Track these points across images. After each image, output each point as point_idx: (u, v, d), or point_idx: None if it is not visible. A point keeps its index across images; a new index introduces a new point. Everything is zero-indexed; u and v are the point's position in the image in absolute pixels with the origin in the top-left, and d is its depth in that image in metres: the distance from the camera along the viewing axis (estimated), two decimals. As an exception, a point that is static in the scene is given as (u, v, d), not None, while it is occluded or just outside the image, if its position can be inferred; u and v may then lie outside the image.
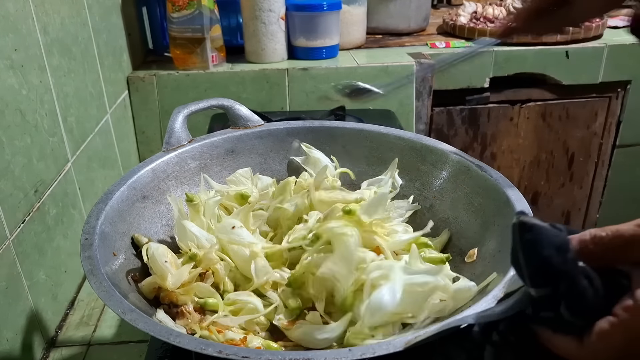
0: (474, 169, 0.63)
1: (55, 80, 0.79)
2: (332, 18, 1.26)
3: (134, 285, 0.54)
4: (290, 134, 0.74)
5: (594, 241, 0.33)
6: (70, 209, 0.81)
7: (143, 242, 0.58)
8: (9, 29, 0.67)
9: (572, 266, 0.31)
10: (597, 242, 0.33)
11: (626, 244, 0.33)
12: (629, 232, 0.32)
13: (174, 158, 0.68)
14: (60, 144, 0.80)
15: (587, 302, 0.32)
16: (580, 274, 0.32)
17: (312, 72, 1.21)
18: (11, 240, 0.64)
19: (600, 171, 1.57)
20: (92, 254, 0.50)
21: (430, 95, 1.29)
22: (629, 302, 0.32)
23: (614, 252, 0.33)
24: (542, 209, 1.59)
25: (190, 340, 0.41)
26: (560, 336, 0.34)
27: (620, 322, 0.32)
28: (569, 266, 0.31)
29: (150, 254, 0.55)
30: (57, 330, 0.75)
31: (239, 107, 0.74)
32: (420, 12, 1.49)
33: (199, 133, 0.73)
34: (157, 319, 0.50)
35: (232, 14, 1.28)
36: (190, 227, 0.58)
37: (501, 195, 0.57)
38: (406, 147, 0.71)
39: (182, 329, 0.51)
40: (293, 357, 0.39)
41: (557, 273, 0.31)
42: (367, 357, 0.39)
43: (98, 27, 0.99)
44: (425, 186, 0.68)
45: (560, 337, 0.34)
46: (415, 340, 0.39)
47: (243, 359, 0.38)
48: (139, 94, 1.19)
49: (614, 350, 0.32)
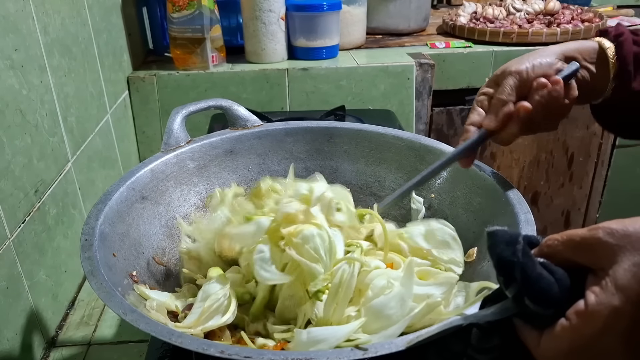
0: (472, 169, 0.63)
1: (55, 80, 0.79)
2: (332, 18, 1.26)
3: (134, 285, 0.54)
4: (289, 134, 0.74)
5: (548, 244, 0.35)
6: (70, 209, 0.81)
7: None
8: (9, 29, 0.67)
9: (522, 256, 0.33)
10: (551, 244, 0.35)
11: (577, 247, 0.34)
12: (579, 237, 0.34)
13: (173, 159, 0.68)
14: (60, 144, 0.80)
15: (546, 290, 0.33)
16: (533, 263, 0.33)
17: (312, 72, 1.21)
18: (11, 240, 0.64)
19: (600, 171, 1.57)
20: (92, 255, 0.50)
21: (430, 95, 1.29)
22: (581, 306, 0.32)
23: (567, 255, 0.34)
24: (541, 209, 1.59)
25: (192, 340, 0.41)
26: (528, 328, 0.35)
27: (570, 326, 0.32)
28: (517, 255, 0.33)
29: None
30: (57, 330, 0.75)
31: (237, 107, 0.74)
32: (420, 12, 1.49)
33: (199, 133, 0.73)
34: (148, 308, 0.50)
35: (232, 14, 1.28)
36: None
37: (500, 195, 0.58)
38: (404, 147, 0.71)
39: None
40: (295, 356, 0.39)
41: (509, 263, 0.33)
42: (369, 356, 0.39)
43: (98, 27, 0.99)
44: (424, 186, 0.68)
45: (528, 329, 0.35)
46: (416, 340, 0.39)
47: (245, 359, 0.38)
48: (139, 94, 1.19)
49: (561, 352, 0.33)
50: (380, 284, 0.48)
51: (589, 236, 0.33)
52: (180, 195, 0.67)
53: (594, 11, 1.51)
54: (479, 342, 0.38)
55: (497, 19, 1.48)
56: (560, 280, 0.33)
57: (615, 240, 0.32)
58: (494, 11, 1.49)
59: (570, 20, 1.44)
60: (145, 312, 0.49)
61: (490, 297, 0.38)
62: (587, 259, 0.33)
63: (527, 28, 1.37)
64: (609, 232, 0.32)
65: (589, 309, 0.32)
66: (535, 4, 1.54)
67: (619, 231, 0.32)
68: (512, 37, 1.35)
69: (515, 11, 1.52)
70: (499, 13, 1.50)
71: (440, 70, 1.32)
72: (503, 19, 1.48)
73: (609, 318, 0.31)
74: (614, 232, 0.32)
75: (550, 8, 1.50)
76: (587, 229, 0.34)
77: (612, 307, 0.31)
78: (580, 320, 0.32)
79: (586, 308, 0.32)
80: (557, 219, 1.62)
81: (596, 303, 0.31)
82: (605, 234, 0.32)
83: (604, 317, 0.31)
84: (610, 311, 0.31)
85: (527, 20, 1.46)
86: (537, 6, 1.52)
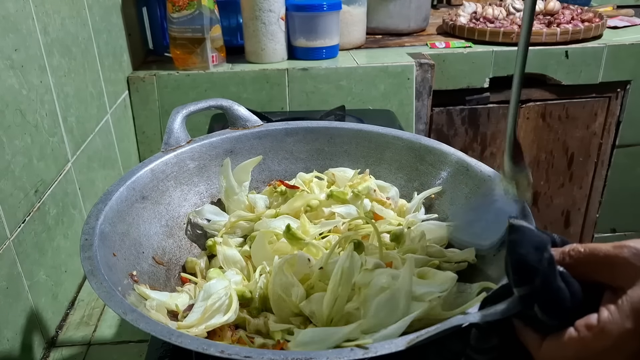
0: (472, 169, 0.63)
1: (55, 80, 0.79)
2: (332, 18, 1.26)
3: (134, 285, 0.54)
4: (289, 134, 0.74)
5: (570, 254, 0.34)
6: (70, 209, 0.81)
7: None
8: (9, 29, 0.67)
9: (547, 265, 0.32)
10: (573, 255, 0.34)
11: (599, 263, 0.33)
12: (602, 253, 0.33)
13: (173, 159, 0.68)
14: (60, 144, 0.80)
15: (560, 304, 0.32)
16: (555, 274, 0.32)
17: (312, 72, 1.21)
18: (11, 240, 0.64)
19: (599, 171, 1.57)
20: (92, 255, 0.50)
21: (430, 95, 1.29)
22: (593, 321, 0.32)
23: (587, 269, 0.34)
24: (541, 209, 1.59)
25: (192, 340, 0.41)
26: (529, 330, 0.35)
27: (579, 338, 0.32)
28: (543, 264, 0.32)
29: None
30: (57, 330, 0.75)
31: (237, 107, 0.74)
32: (420, 12, 1.49)
33: (199, 133, 0.73)
34: (148, 308, 0.50)
35: (232, 14, 1.28)
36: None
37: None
38: (405, 147, 0.71)
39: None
40: (295, 356, 0.39)
41: (532, 270, 0.32)
42: (369, 356, 0.39)
43: (98, 27, 0.99)
44: (424, 186, 0.68)
45: (529, 332, 0.35)
46: (417, 340, 0.39)
47: (245, 358, 0.38)
48: (139, 94, 1.19)
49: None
50: (379, 282, 0.48)
51: (614, 254, 0.32)
52: (181, 195, 0.67)
53: (594, 11, 1.51)
54: (477, 343, 0.38)
55: (497, 19, 1.48)
56: (574, 294, 0.33)
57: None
58: (494, 11, 1.49)
59: (570, 20, 1.44)
60: (145, 312, 0.49)
61: (490, 298, 0.38)
62: (607, 277, 0.33)
63: (527, 28, 1.37)
64: (635, 252, 0.32)
65: (600, 325, 0.31)
66: (535, 4, 1.53)
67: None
68: (512, 37, 1.35)
69: (515, 11, 1.52)
70: (499, 13, 1.50)
71: (440, 70, 1.32)
72: (503, 19, 1.48)
73: (619, 339, 0.31)
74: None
75: (550, 8, 1.50)
76: (612, 245, 0.33)
77: (624, 329, 0.31)
78: (589, 334, 0.32)
79: (598, 323, 0.31)
80: (557, 219, 1.62)
81: (609, 321, 0.31)
82: (632, 253, 0.32)
83: (614, 337, 0.31)
84: (622, 332, 0.31)
85: (527, 20, 1.46)
86: (537, 6, 1.52)
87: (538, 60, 1.35)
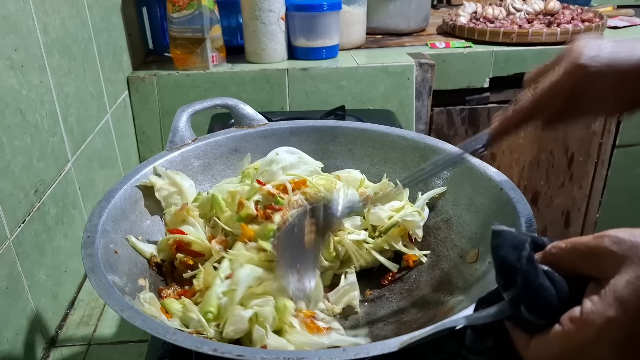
0: (476, 169, 0.63)
1: (55, 81, 0.79)
2: (332, 18, 1.26)
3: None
4: (294, 133, 0.74)
5: (552, 252, 0.34)
6: (70, 209, 0.81)
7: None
8: (9, 29, 0.67)
9: (527, 262, 0.32)
10: (555, 253, 0.34)
11: (581, 256, 0.33)
12: (584, 245, 0.33)
13: (178, 157, 0.68)
14: (60, 144, 0.79)
15: (544, 302, 0.32)
16: (537, 272, 0.32)
17: (312, 72, 1.21)
18: (11, 240, 0.64)
19: (600, 171, 1.57)
20: (93, 252, 0.50)
21: (430, 95, 1.29)
22: (576, 313, 0.31)
23: (572, 264, 0.33)
24: (541, 209, 1.59)
25: (186, 338, 0.41)
26: (518, 331, 0.35)
27: (563, 332, 0.32)
28: (522, 262, 0.32)
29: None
30: (57, 330, 0.74)
31: (243, 106, 0.74)
32: (420, 12, 1.49)
33: (199, 133, 0.73)
34: (141, 302, 0.50)
35: (232, 14, 1.28)
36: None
37: (502, 195, 0.58)
38: (409, 147, 0.71)
39: (177, 322, 0.51)
40: (287, 356, 0.39)
41: (512, 268, 0.33)
42: (361, 357, 0.39)
43: (98, 27, 0.99)
44: (427, 186, 0.68)
45: (518, 332, 0.35)
46: (410, 341, 0.39)
47: (238, 357, 0.38)
48: (139, 94, 1.19)
49: (550, 357, 0.32)
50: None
51: (594, 245, 0.32)
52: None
53: (594, 11, 1.51)
54: (473, 344, 0.38)
55: (497, 19, 1.48)
56: (560, 291, 0.33)
57: (621, 250, 0.31)
58: (494, 11, 1.49)
59: (570, 20, 1.44)
60: (138, 305, 0.49)
61: (485, 299, 0.38)
62: (590, 269, 0.32)
63: (527, 28, 1.37)
64: (615, 240, 0.31)
65: (583, 316, 0.31)
66: (535, 4, 1.54)
67: (626, 241, 0.31)
68: (512, 37, 1.35)
69: (515, 11, 1.52)
70: (499, 13, 1.50)
71: (440, 70, 1.32)
72: (503, 19, 1.48)
73: (603, 328, 0.30)
74: (620, 242, 0.31)
75: (550, 8, 1.50)
76: (592, 237, 0.33)
77: (606, 317, 0.30)
78: (573, 327, 0.31)
79: (581, 315, 0.31)
80: (557, 219, 1.62)
81: (591, 311, 0.31)
82: (612, 242, 0.31)
83: (597, 326, 0.30)
84: (605, 321, 0.30)
85: (527, 20, 1.46)
86: (537, 6, 1.52)
87: (538, 60, 1.34)
